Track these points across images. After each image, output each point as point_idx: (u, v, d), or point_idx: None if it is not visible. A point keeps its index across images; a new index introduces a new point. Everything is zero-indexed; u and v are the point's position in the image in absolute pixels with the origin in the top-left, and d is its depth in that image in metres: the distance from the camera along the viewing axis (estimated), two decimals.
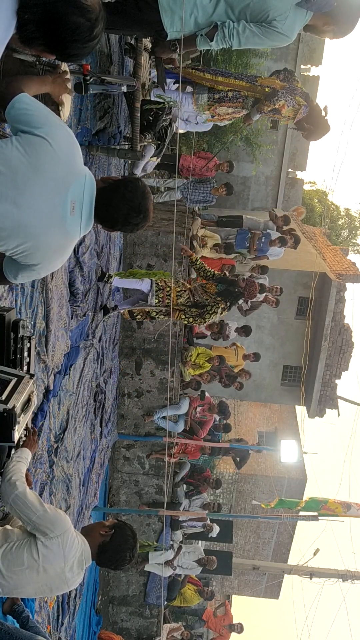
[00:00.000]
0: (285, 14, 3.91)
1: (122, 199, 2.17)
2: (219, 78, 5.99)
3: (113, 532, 2.83)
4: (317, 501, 8.85)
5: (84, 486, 6.86)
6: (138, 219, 2.22)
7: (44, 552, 2.60)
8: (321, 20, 4.02)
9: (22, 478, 2.65)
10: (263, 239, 9.11)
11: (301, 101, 5.97)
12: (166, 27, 3.95)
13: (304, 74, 18.40)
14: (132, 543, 2.86)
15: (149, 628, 10.39)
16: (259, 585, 21.51)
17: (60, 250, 2.15)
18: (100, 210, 2.14)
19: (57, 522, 2.63)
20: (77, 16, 1.71)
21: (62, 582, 2.72)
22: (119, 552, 2.85)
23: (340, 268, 15.13)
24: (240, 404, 21.04)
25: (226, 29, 4.04)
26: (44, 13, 1.68)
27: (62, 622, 5.95)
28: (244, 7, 3.93)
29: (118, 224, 2.23)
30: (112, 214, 2.18)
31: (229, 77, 6.02)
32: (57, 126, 1.98)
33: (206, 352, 9.43)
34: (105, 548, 2.82)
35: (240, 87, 5.97)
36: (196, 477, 10.75)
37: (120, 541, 2.83)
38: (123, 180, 2.23)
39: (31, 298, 4.17)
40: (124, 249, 8.38)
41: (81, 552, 2.74)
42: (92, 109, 5.24)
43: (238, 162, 16.28)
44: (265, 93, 5.89)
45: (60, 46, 1.79)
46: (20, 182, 1.89)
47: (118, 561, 2.88)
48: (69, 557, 2.67)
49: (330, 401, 14.14)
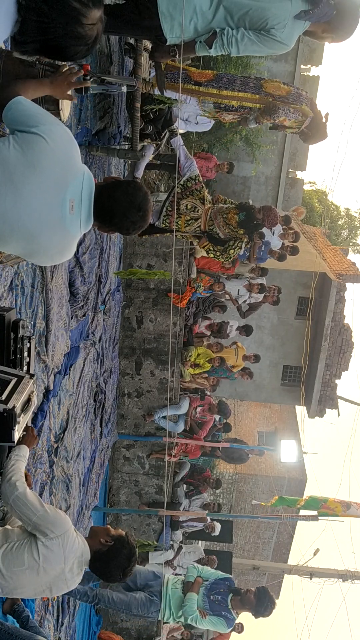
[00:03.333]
0: (284, 22, 3.94)
1: (124, 193, 2.15)
2: (223, 92, 5.79)
3: (112, 544, 2.80)
4: (317, 500, 8.85)
5: (84, 486, 6.86)
6: (136, 217, 2.18)
7: (44, 553, 2.59)
8: (320, 27, 4.08)
9: (22, 478, 2.64)
10: (263, 248, 9.11)
11: (308, 111, 5.89)
12: (165, 32, 3.97)
13: (304, 74, 18.40)
14: (126, 564, 2.81)
15: (149, 628, 10.38)
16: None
17: (61, 249, 2.14)
18: (100, 202, 2.12)
19: (57, 522, 2.63)
20: (76, 46, 1.79)
21: (62, 583, 2.71)
22: (108, 567, 2.81)
23: (340, 268, 15.12)
24: (240, 404, 21.04)
25: (225, 36, 4.06)
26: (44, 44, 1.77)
27: (62, 622, 5.95)
28: (243, 14, 3.95)
29: (115, 218, 2.17)
30: (111, 206, 2.15)
31: (233, 90, 5.79)
32: (53, 124, 1.98)
33: (206, 352, 9.43)
34: (98, 557, 2.80)
35: (246, 99, 5.82)
36: (196, 477, 10.75)
37: (113, 556, 2.79)
38: (127, 180, 2.24)
39: (31, 298, 4.17)
40: (124, 249, 8.37)
41: (81, 553, 2.74)
42: (92, 109, 5.24)
43: (238, 162, 16.28)
44: (272, 104, 5.82)
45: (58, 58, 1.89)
46: (18, 181, 1.89)
47: (106, 575, 2.86)
48: (69, 557, 2.66)
49: (330, 401, 14.15)
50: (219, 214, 6.47)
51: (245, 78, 5.98)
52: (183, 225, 6.56)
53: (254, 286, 9.49)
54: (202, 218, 6.51)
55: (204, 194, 6.51)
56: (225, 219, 6.47)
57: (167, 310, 8.70)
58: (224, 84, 5.81)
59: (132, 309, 8.89)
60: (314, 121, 6.01)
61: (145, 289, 8.84)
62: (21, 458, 2.72)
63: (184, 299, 8.77)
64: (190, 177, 6.44)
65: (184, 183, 6.44)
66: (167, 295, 8.70)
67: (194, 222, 6.53)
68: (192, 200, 6.45)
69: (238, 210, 6.49)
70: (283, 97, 5.82)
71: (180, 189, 6.42)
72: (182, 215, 6.46)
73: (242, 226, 6.47)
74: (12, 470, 2.64)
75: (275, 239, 9.09)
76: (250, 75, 6.07)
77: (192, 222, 6.53)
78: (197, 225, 6.53)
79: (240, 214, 6.46)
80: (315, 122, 6.01)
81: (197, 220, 6.53)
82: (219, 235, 6.53)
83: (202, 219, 6.50)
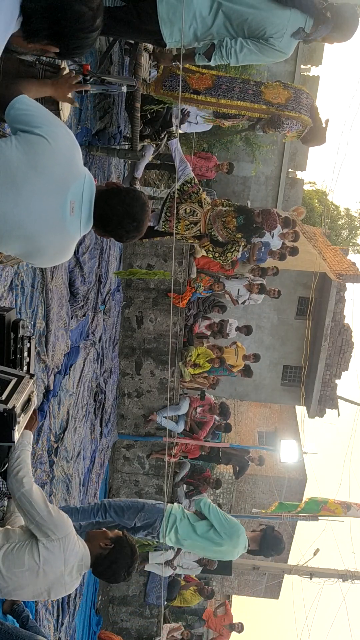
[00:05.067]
0: (282, 31, 3.98)
1: (120, 202, 2.15)
2: (222, 101, 5.71)
3: (112, 546, 2.80)
4: (317, 502, 8.87)
5: (84, 486, 6.86)
6: (131, 227, 2.18)
7: (45, 555, 2.58)
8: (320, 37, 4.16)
9: (29, 473, 2.59)
10: (263, 249, 9.12)
11: (307, 121, 5.85)
12: (165, 38, 3.97)
13: (304, 74, 18.40)
14: (129, 563, 2.81)
15: (149, 628, 10.39)
16: (259, 585, 21.49)
17: (61, 250, 2.14)
18: (97, 207, 2.12)
19: (59, 524, 2.61)
20: (79, 4, 1.75)
21: (61, 586, 2.70)
22: (112, 569, 2.82)
23: (340, 268, 15.13)
24: (240, 404, 21.04)
25: (224, 48, 4.10)
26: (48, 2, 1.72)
27: (62, 622, 5.94)
28: (242, 21, 3.96)
29: (110, 225, 2.18)
30: (107, 212, 2.15)
31: (232, 98, 5.71)
32: (56, 126, 1.97)
33: (206, 352, 9.43)
34: (101, 562, 2.80)
35: (245, 108, 5.76)
36: (196, 477, 10.74)
37: (116, 558, 2.80)
38: (127, 188, 2.23)
39: (31, 298, 4.17)
40: (124, 249, 8.38)
41: (81, 557, 2.72)
42: (92, 109, 5.24)
43: (238, 162, 16.29)
44: (271, 113, 5.79)
45: (64, 37, 1.82)
46: (20, 182, 1.88)
47: (111, 577, 2.87)
48: (69, 560, 2.65)
49: (330, 401, 14.14)
50: (217, 218, 6.45)
51: (244, 83, 5.86)
52: (183, 230, 6.56)
53: (254, 286, 9.50)
54: (201, 222, 6.51)
55: (202, 196, 6.50)
56: (224, 222, 6.43)
57: (167, 310, 8.70)
58: (222, 91, 5.71)
59: (132, 309, 8.90)
60: (313, 126, 6.02)
61: (145, 289, 8.84)
62: (26, 447, 2.65)
63: (184, 299, 8.77)
64: (185, 181, 6.44)
65: (180, 187, 6.44)
66: (167, 295, 8.70)
67: (193, 226, 6.53)
68: (190, 205, 6.44)
69: (237, 214, 6.44)
70: (282, 105, 5.74)
71: (178, 193, 6.42)
72: (182, 220, 6.46)
73: (240, 230, 6.42)
74: (18, 463, 2.59)
75: (275, 239, 9.10)
76: (250, 80, 6.00)
77: (192, 227, 6.53)
78: (197, 229, 6.54)
79: (239, 218, 6.41)
80: (315, 128, 6.01)
81: (197, 224, 6.53)
82: (218, 238, 6.53)
83: (202, 223, 6.50)
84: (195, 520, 5.16)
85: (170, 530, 5.07)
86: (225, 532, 5.09)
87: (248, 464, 11.03)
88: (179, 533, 5.10)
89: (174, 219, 6.33)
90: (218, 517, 5.12)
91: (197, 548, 5.25)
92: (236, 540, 5.10)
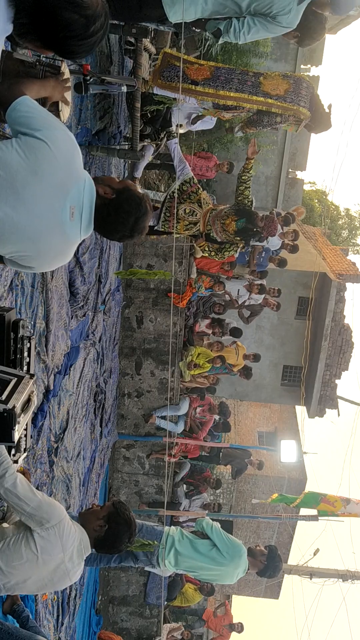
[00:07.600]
0: (289, 7, 4.07)
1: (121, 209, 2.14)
2: (220, 92, 5.66)
3: (107, 527, 2.82)
4: (316, 494, 8.87)
5: (84, 486, 6.86)
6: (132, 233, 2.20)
7: (42, 544, 2.58)
8: None
9: (10, 466, 2.52)
10: (263, 254, 9.11)
11: (305, 113, 5.80)
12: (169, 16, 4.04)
13: (304, 74, 18.38)
14: (128, 533, 2.86)
15: (149, 628, 10.39)
16: (259, 585, 21.48)
17: (59, 254, 2.14)
18: (98, 213, 2.12)
19: (52, 511, 2.60)
20: (69, 12, 1.64)
21: (64, 574, 2.70)
22: (114, 546, 2.88)
23: (340, 268, 15.13)
24: (240, 404, 21.03)
25: (231, 31, 4.25)
26: (35, 4, 1.62)
27: (62, 622, 5.94)
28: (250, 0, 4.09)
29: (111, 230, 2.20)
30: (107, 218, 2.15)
31: (230, 89, 5.67)
32: (57, 129, 1.97)
33: (206, 352, 9.43)
34: (101, 543, 2.84)
35: (243, 100, 5.71)
36: (196, 477, 10.75)
37: (114, 536, 2.84)
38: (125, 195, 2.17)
39: (31, 298, 4.17)
40: (124, 249, 8.38)
41: (79, 541, 2.73)
42: (92, 109, 5.24)
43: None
44: (268, 105, 5.76)
45: (53, 43, 1.73)
46: (19, 186, 1.88)
47: (114, 550, 2.94)
48: (67, 546, 2.65)
49: (330, 401, 14.14)
50: (217, 219, 6.42)
51: (243, 74, 5.80)
52: (182, 229, 6.56)
53: (254, 286, 9.50)
54: (200, 222, 6.49)
55: (201, 196, 6.49)
56: (223, 224, 6.40)
57: (167, 310, 8.70)
58: (220, 82, 5.68)
59: (132, 309, 8.90)
60: (316, 114, 5.96)
61: (145, 289, 8.84)
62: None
63: (184, 299, 8.77)
64: (184, 181, 6.42)
65: (180, 187, 6.42)
66: (167, 295, 8.70)
67: (192, 226, 6.52)
68: (189, 205, 6.43)
69: (237, 217, 6.38)
70: (281, 96, 5.70)
71: (177, 193, 6.41)
72: (181, 220, 6.45)
73: (239, 234, 6.39)
74: None
75: (274, 238, 9.09)
76: (249, 71, 5.92)
77: (191, 227, 6.53)
78: (197, 229, 6.53)
79: (240, 221, 6.36)
80: (318, 114, 5.95)
81: (196, 225, 6.52)
82: (216, 239, 6.52)
83: (201, 223, 6.49)
84: (196, 539, 5.16)
85: (169, 552, 5.04)
86: (228, 552, 5.07)
87: (247, 466, 11.04)
88: (180, 553, 5.07)
89: (173, 219, 6.32)
90: (221, 536, 5.15)
91: (198, 569, 5.21)
92: (237, 561, 5.10)
